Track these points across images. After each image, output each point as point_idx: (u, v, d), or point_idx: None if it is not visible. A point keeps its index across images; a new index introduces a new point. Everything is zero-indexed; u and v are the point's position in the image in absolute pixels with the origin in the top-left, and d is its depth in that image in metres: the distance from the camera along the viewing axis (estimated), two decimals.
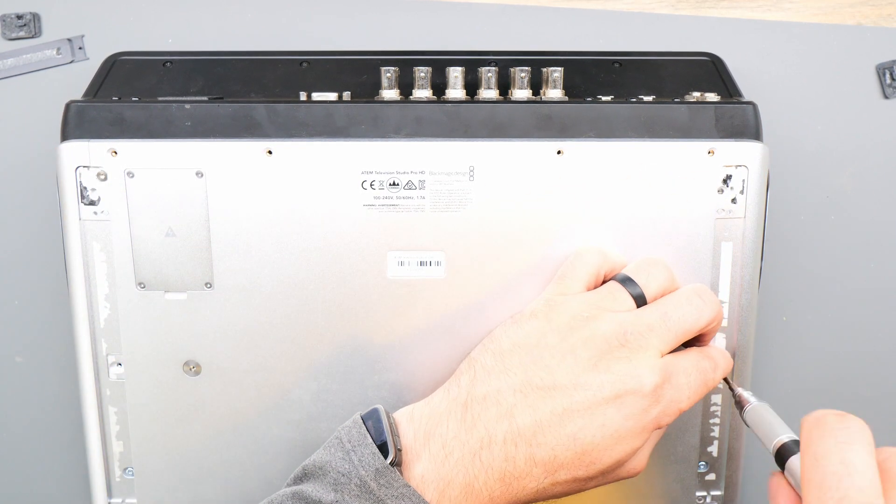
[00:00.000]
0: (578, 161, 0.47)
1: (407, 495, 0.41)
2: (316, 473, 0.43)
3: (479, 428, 0.42)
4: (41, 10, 0.57)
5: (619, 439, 0.42)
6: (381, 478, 0.41)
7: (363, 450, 0.42)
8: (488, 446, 0.42)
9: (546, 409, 0.42)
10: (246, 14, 0.57)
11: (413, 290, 0.48)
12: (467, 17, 0.57)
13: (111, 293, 0.48)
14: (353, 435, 0.43)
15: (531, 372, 0.43)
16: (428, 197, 0.47)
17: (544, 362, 0.43)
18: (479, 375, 0.44)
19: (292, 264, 0.48)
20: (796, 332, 0.60)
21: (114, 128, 0.47)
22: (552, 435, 0.42)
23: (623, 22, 0.57)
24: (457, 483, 0.42)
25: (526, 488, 0.42)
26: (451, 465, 0.42)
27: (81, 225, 0.48)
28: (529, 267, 0.48)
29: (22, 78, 0.57)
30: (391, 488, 0.41)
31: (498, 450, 0.42)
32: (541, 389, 0.42)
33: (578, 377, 0.42)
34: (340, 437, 0.43)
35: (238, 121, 0.47)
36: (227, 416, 0.50)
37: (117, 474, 0.51)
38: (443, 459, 0.42)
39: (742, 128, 0.48)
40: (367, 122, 0.47)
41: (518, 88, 0.50)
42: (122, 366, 0.49)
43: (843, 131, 0.58)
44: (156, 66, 0.54)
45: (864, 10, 0.58)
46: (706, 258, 0.49)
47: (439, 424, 0.43)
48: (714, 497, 0.52)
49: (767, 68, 0.58)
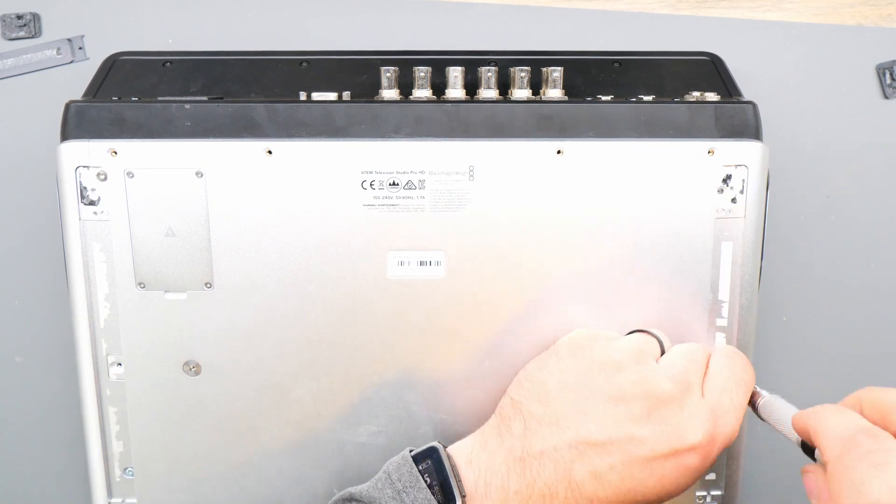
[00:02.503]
0: (578, 161, 0.47)
1: None
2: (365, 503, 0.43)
3: (539, 485, 0.42)
4: (41, 10, 0.57)
5: (677, 488, 0.43)
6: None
7: (416, 493, 0.42)
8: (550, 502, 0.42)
9: (604, 465, 0.42)
10: (246, 14, 0.57)
11: (413, 290, 0.48)
12: (467, 17, 0.57)
13: (111, 293, 0.48)
14: (402, 474, 0.43)
15: (584, 427, 0.42)
16: (428, 197, 0.47)
17: (596, 415, 0.42)
18: (530, 426, 0.43)
19: (292, 264, 0.48)
20: (796, 332, 0.60)
21: (114, 128, 0.47)
22: (611, 487, 0.42)
23: (623, 22, 0.57)
24: None
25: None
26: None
27: (81, 225, 0.48)
28: (529, 267, 0.48)
29: (22, 78, 0.57)
30: None
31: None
32: (596, 446, 0.42)
33: (632, 432, 0.42)
34: (389, 473, 0.43)
35: (238, 121, 0.47)
36: (227, 416, 0.50)
37: (117, 474, 0.51)
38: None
39: (742, 127, 0.48)
40: (367, 122, 0.47)
41: (518, 88, 0.50)
42: (122, 366, 0.49)
43: (843, 131, 0.58)
44: (156, 66, 0.54)
45: (864, 10, 0.58)
46: (706, 258, 0.49)
47: (497, 475, 0.43)
48: (714, 497, 0.52)
49: (767, 68, 0.58)
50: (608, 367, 0.44)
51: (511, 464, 0.43)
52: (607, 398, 0.43)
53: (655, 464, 0.42)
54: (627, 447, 0.42)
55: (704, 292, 0.49)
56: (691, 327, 0.49)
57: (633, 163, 0.47)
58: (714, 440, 0.43)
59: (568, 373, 0.44)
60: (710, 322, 0.50)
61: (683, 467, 0.42)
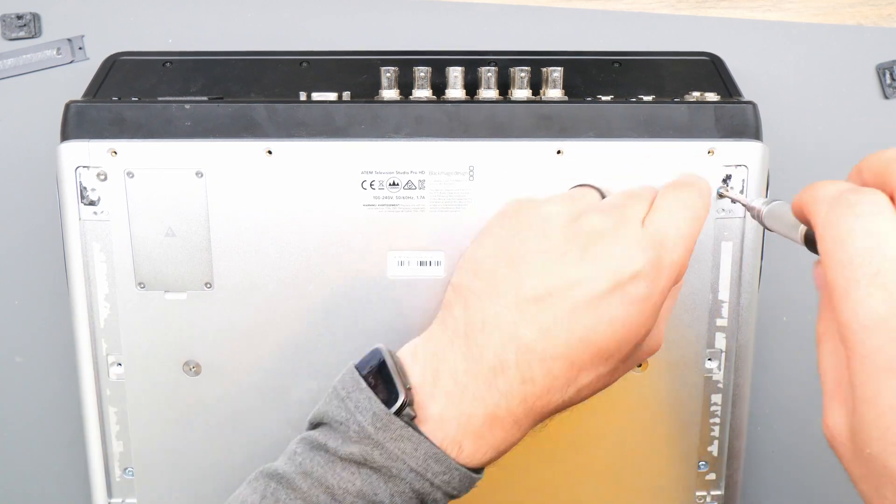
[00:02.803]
0: (578, 161, 0.47)
1: (406, 436, 0.40)
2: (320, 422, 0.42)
3: (487, 356, 0.40)
4: (41, 10, 0.57)
5: (630, 327, 0.40)
6: (378, 421, 0.40)
7: (358, 395, 0.40)
8: (503, 373, 0.40)
9: (549, 317, 0.40)
10: (246, 14, 0.57)
11: (413, 290, 0.48)
12: (467, 17, 0.57)
13: (111, 293, 0.48)
14: (346, 382, 0.41)
15: (520, 284, 0.40)
16: (428, 197, 0.47)
17: (530, 269, 0.41)
18: (471, 302, 0.42)
19: (292, 264, 0.48)
20: (796, 332, 0.60)
21: (114, 128, 0.47)
22: (563, 342, 0.39)
23: (623, 22, 0.57)
24: (478, 415, 0.40)
25: (551, 402, 0.41)
26: (468, 399, 0.40)
27: (81, 225, 0.48)
28: None
29: (22, 78, 0.57)
30: (388, 431, 0.40)
31: (513, 373, 0.40)
32: (537, 300, 0.40)
33: (570, 276, 0.40)
34: (335, 386, 0.42)
35: (238, 121, 0.47)
36: (227, 416, 0.50)
37: (117, 474, 0.51)
38: (459, 396, 0.40)
39: (742, 127, 0.48)
40: (367, 122, 0.47)
41: (518, 88, 0.50)
42: (122, 366, 0.49)
43: (843, 131, 0.58)
44: (156, 66, 0.54)
45: (864, 10, 0.58)
46: (706, 258, 0.49)
47: (445, 360, 0.41)
48: (714, 497, 0.52)
49: (767, 68, 0.58)
50: (537, 222, 0.42)
51: (456, 343, 0.41)
52: (538, 251, 0.41)
53: (601, 304, 0.39)
54: (567, 293, 0.40)
55: (704, 292, 0.49)
56: (691, 327, 0.50)
57: (633, 163, 0.47)
58: (660, 268, 0.40)
59: (500, 240, 0.43)
60: (710, 322, 0.50)
61: (631, 300, 0.39)
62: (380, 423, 0.40)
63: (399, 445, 0.40)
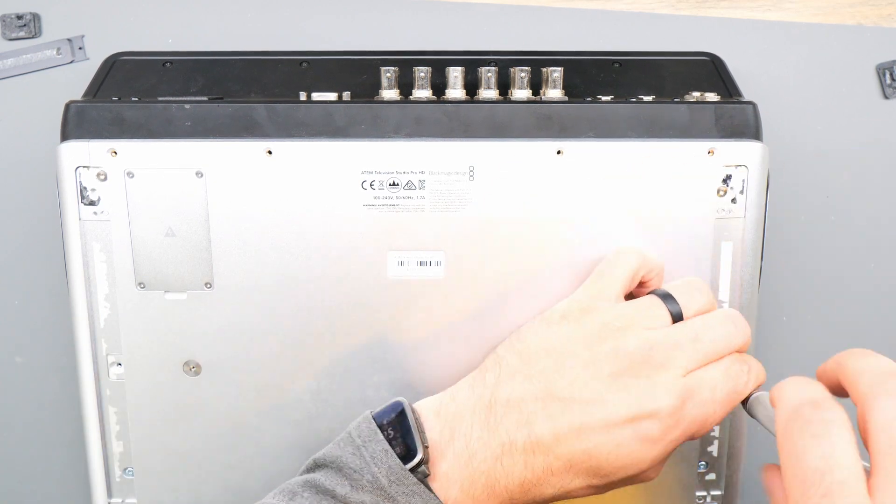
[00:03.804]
0: (578, 161, 0.47)
1: (418, 493, 0.41)
2: (328, 466, 0.43)
3: (500, 432, 0.42)
4: (41, 10, 0.57)
5: (634, 459, 0.42)
6: (393, 475, 0.41)
7: (374, 446, 0.42)
8: (510, 452, 0.42)
9: (564, 422, 0.42)
10: (246, 14, 0.57)
11: (413, 290, 0.48)
12: (467, 17, 0.57)
13: (111, 293, 0.48)
14: (362, 430, 0.43)
15: (553, 381, 0.43)
16: (428, 197, 0.47)
17: (567, 372, 0.43)
18: (503, 377, 0.44)
19: (292, 264, 0.48)
20: (796, 332, 0.60)
21: (114, 128, 0.47)
22: (568, 448, 0.42)
23: (623, 22, 0.57)
24: (479, 484, 0.42)
25: (544, 493, 0.43)
26: (474, 466, 0.42)
27: (81, 225, 0.48)
28: (529, 267, 0.48)
29: (22, 78, 0.57)
30: (402, 485, 0.41)
31: (518, 456, 0.42)
32: (561, 401, 0.42)
33: (597, 393, 0.42)
34: (350, 431, 0.43)
35: (238, 121, 0.47)
36: (227, 416, 0.50)
37: (117, 474, 0.51)
38: (467, 460, 0.42)
39: (742, 128, 0.48)
40: (367, 122, 0.47)
41: (518, 88, 0.50)
42: (122, 366, 0.49)
43: (843, 131, 0.58)
44: (156, 66, 0.54)
45: (864, 10, 0.58)
46: (706, 258, 0.49)
47: (463, 423, 0.43)
48: (714, 497, 0.52)
49: (767, 68, 0.58)
50: (594, 329, 0.44)
51: (477, 409, 0.43)
52: (582, 357, 0.43)
53: (614, 429, 0.42)
54: (587, 407, 0.42)
55: None
56: None
57: (633, 163, 0.47)
58: (679, 417, 0.42)
59: (554, 333, 0.44)
60: None
61: (642, 437, 0.42)
62: (394, 476, 0.41)
63: (410, 500, 0.41)
